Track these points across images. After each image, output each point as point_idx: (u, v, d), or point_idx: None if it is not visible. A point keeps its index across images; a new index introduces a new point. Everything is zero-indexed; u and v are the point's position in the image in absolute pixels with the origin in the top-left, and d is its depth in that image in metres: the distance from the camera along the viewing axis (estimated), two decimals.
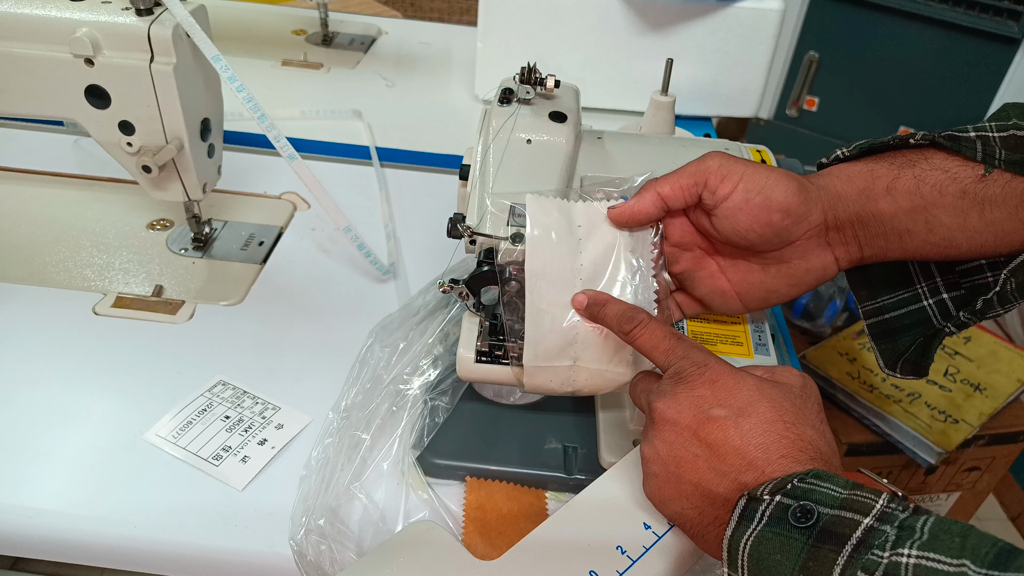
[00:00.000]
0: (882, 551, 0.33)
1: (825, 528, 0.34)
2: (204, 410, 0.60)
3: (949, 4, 1.62)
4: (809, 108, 1.91)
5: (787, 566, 0.35)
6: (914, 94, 1.76)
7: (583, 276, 0.49)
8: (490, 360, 0.53)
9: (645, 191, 0.50)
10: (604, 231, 0.50)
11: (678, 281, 0.54)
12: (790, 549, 0.35)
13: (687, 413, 0.41)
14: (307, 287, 0.75)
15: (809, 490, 0.36)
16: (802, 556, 0.34)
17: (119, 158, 0.67)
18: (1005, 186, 0.46)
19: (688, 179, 0.49)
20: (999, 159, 0.46)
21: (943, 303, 0.52)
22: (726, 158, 0.49)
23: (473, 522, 0.54)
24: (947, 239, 0.48)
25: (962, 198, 0.47)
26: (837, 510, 0.35)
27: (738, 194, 0.48)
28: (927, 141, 0.48)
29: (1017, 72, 1.61)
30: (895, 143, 0.49)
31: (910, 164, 0.48)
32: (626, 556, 0.43)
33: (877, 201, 0.48)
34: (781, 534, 0.35)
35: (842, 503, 0.35)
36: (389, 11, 1.53)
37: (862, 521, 0.34)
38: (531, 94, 0.53)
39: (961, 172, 0.47)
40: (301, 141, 0.97)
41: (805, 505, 0.35)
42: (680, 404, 0.42)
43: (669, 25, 1.02)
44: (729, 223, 0.48)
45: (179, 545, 0.52)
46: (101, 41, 0.61)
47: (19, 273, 0.73)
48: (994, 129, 0.46)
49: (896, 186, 0.47)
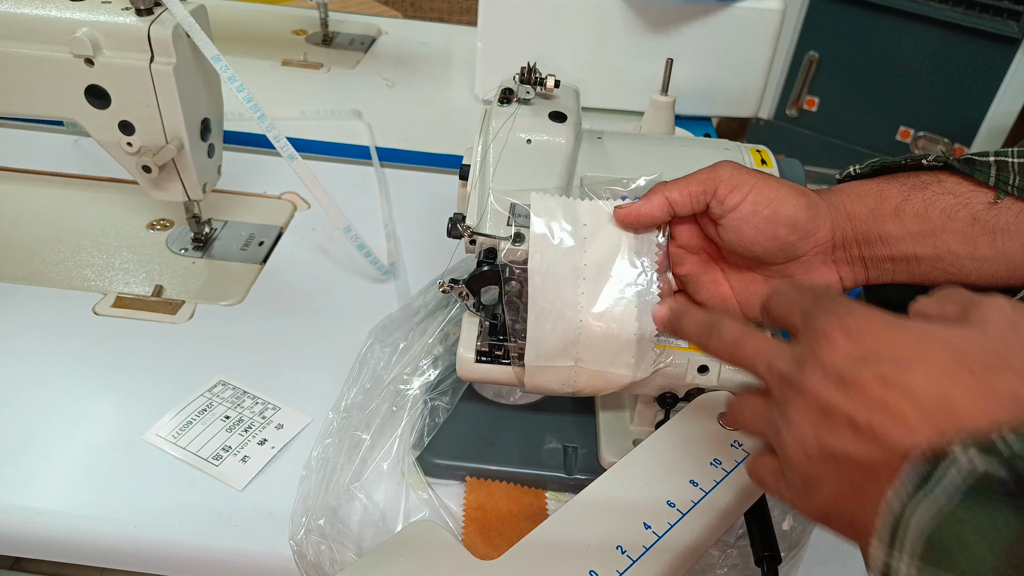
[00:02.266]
0: None
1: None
2: (204, 410, 0.60)
3: (949, 4, 1.62)
4: (809, 108, 1.91)
5: (983, 548, 0.25)
6: (914, 94, 1.76)
7: (587, 275, 0.49)
8: (490, 360, 0.53)
9: (653, 194, 0.49)
10: (609, 231, 0.50)
11: (680, 283, 0.54)
12: (991, 525, 0.25)
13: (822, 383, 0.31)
14: (307, 287, 0.75)
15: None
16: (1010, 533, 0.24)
17: (119, 158, 0.67)
18: (1019, 215, 0.44)
19: (698, 186, 0.48)
20: (1013, 185, 0.44)
21: None
22: (738, 168, 0.48)
23: (473, 522, 0.54)
24: (956, 266, 0.46)
25: (972, 225, 0.45)
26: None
27: (746, 206, 0.47)
28: (941, 163, 0.47)
29: (1017, 72, 1.61)
30: (910, 163, 0.48)
31: (921, 186, 0.47)
32: (626, 556, 0.43)
33: (885, 222, 0.47)
34: (976, 506, 0.25)
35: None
36: (389, 11, 1.54)
37: None
38: (531, 94, 0.53)
39: (973, 198, 0.45)
40: (301, 141, 0.97)
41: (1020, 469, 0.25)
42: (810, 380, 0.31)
43: (669, 25, 1.02)
44: (735, 234, 0.48)
45: (179, 545, 0.52)
46: (101, 41, 0.61)
47: (19, 273, 0.73)
48: (1016, 155, 0.44)
49: (905, 208, 0.46)
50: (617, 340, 0.48)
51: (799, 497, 0.33)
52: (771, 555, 0.46)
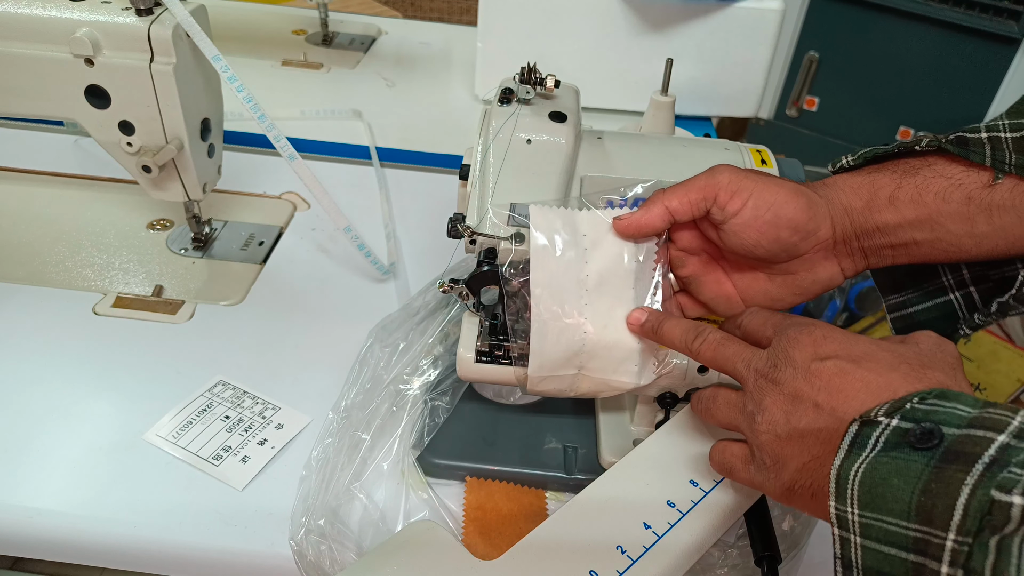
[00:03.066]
0: (1021, 469, 0.29)
1: (951, 448, 0.31)
2: (204, 410, 0.60)
3: (949, 4, 1.62)
4: (809, 108, 1.91)
5: (904, 490, 0.31)
6: (914, 94, 1.76)
7: (589, 286, 0.49)
8: (490, 360, 0.53)
9: (652, 204, 0.49)
10: (610, 241, 0.49)
11: (683, 284, 0.54)
12: (908, 472, 0.31)
13: (793, 376, 0.39)
14: (307, 287, 0.75)
15: (931, 411, 0.33)
16: (923, 478, 0.31)
17: (119, 158, 0.67)
18: (1013, 190, 0.44)
19: (697, 193, 0.48)
20: (1010, 163, 0.44)
21: (969, 296, 0.51)
22: (736, 173, 0.48)
23: (473, 522, 0.54)
24: (955, 245, 0.47)
25: (967, 204, 0.45)
26: (965, 429, 0.31)
27: (747, 211, 0.47)
28: (933, 147, 0.47)
29: (1017, 72, 1.61)
30: (901, 150, 0.49)
31: (912, 172, 0.47)
32: (626, 556, 0.43)
33: (881, 212, 0.47)
34: (898, 458, 0.32)
35: (971, 422, 0.31)
36: (389, 11, 1.53)
37: (996, 438, 0.30)
38: (531, 94, 0.53)
39: (965, 178, 0.46)
40: (301, 141, 0.97)
41: (926, 427, 0.32)
42: (785, 373, 0.39)
43: (669, 25, 1.02)
44: (737, 238, 0.48)
45: (179, 545, 0.52)
46: (101, 41, 0.61)
47: (19, 273, 0.73)
48: (1007, 128, 0.45)
49: (898, 196, 0.47)
50: (621, 349, 0.48)
51: (768, 475, 0.40)
52: (771, 555, 0.46)
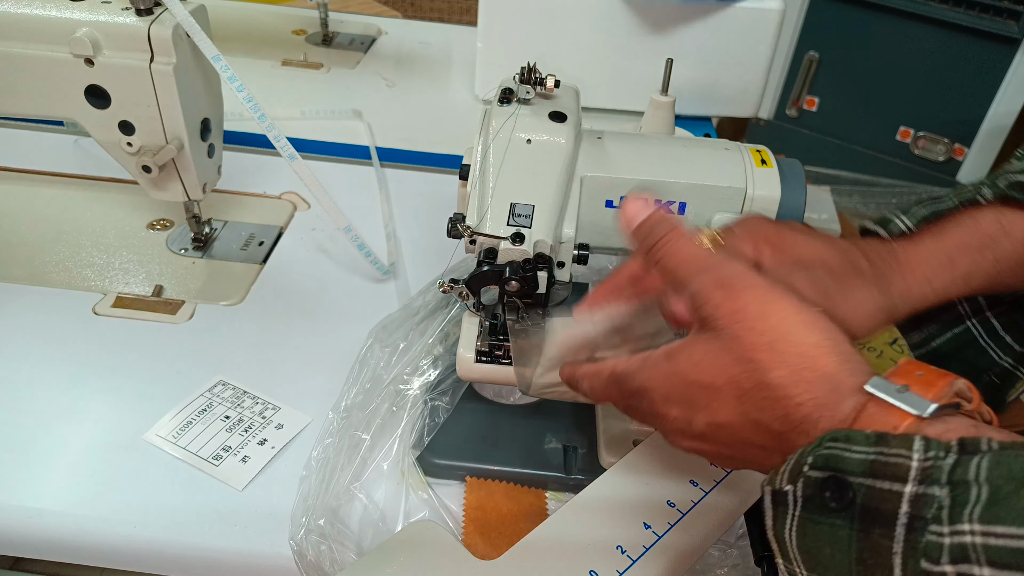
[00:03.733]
0: (940, 526, 0.27)
1: (865, 506, 0.29)
2: (204, 410, 0.60)
3: (949, 4, 1.62)
4: (809, 108, 1.91)
5: (840, 560, 0.29)
6: (914, 94, 1.76)
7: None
8: (490, 360, 0.53)
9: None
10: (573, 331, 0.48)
11: None
12: (837, 540, 0.30)
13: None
14: (307, 287, 0.75)
15: (831, 456, 0.30)
16: (853, 547, 0.29)
17: (119, 158, 0.67)
18: None
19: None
20: None
21: (987, 321, 0.48)
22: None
23: (473, 522, 0.54)
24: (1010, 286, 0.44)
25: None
26: (868, 479, 0.29)
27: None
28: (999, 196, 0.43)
29: (1017, 72, 1.61)
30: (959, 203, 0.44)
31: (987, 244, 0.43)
32: (626, 556, 0.43)
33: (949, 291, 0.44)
34: (822, 522, 0.30)
35: (872, 469, 0.29)
36: (389, 11, 1.53)
37: (903, 491, 0.28)
38: (531, 94, 0.53)
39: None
40: (301, 141, 0.97)
41: (836, 478, 0.30)
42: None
43: (669, 25, 1.02)
44: None
45: (179, 545, 0.52)
46: (101, 41, 0.61)
47: (19, 273, 0.73)
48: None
49: (974, 272, 0.43)
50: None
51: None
52: (771, 555, 0.46)
